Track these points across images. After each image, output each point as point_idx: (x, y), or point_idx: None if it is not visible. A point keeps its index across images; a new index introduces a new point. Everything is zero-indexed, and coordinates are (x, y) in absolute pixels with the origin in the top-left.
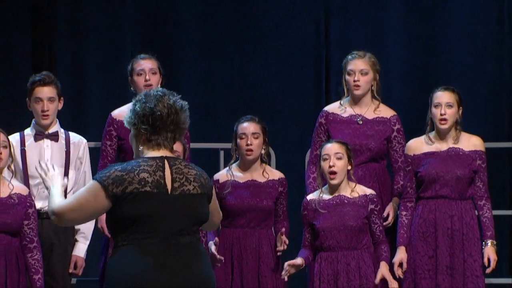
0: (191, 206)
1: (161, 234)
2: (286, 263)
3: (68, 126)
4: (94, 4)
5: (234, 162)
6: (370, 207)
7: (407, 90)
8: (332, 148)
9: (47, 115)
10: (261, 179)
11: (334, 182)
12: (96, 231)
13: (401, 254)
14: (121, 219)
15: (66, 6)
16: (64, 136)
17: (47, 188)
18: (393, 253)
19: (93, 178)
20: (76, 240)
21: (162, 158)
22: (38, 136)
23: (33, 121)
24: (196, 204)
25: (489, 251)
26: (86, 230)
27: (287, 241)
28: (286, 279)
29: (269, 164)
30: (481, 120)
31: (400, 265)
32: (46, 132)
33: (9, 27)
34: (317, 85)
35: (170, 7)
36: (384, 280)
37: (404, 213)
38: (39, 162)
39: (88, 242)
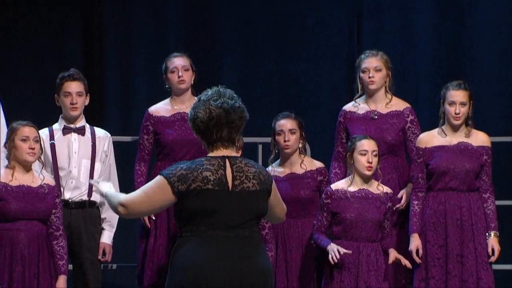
0: (250, 202)
1: (222, 227)
2: (336, 252)
3: (115, 121)
4: (141, 8)
5: (274, 157)
6: (389, 205)
7: (436, 89)
8: (370, 145)
9: (76, 108)
10: (300, 171)
11: (370, 173)
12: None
13: (415, 241)
14: (186, 212)
15: (115, 11)
16: (90, 130)
17: (102, 194)
18: (403, 240)
19: (160, 174)
20: (103, 229)
21: (224, 158)
22: (66, 131)
23: (60, 116)
24: (255, 200)
25: (493, 241)
26: (111, 218)
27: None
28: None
29: None
30: (503, 116)
31: (417, 252)
32: (74, 127)
33: (62, 30)
34: (350, 84)
35: (211, 10)
36: (393, 270)
37: (415, 202)
38: (89, 181)
39: (114, 230)
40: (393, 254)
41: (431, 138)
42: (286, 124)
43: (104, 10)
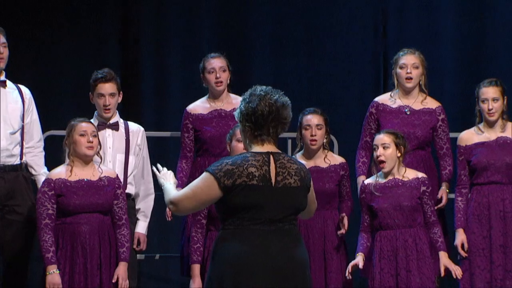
0: (292, 197)
1: (264, 221)
2: (350, 265)
3: (151, 118)
4: (175, 9)
5: (299, 150)
6: (422, 189)
7: (458, 84)
8: (379, 139)
9: (109, 109)
10: (324, 165)
11: (384, 170)
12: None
13: (461, 236)
14: (230, 206)
15: (150, 12)
16: (123, 125)
17: (161, 185)
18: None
19: (205, 170)
20: (137, 219)
21: (268, 154)
22: (101, 126)
23: (95, 113)
24: (296, 195)
25: None
26: (146, 209)
27: (346, 225)
28: (350, 277)
29: (332, 151)
30: None
31: (462, 246)
32: (108, 123)
33: (100, 30)
34: (376, 80)
35: (243, 10)
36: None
37: (459, 198)
38: (151, 166)
39: (148, 220)
40: (443, 263)
41: (471, 136)
42: (313, 119)
43: (140, 11)
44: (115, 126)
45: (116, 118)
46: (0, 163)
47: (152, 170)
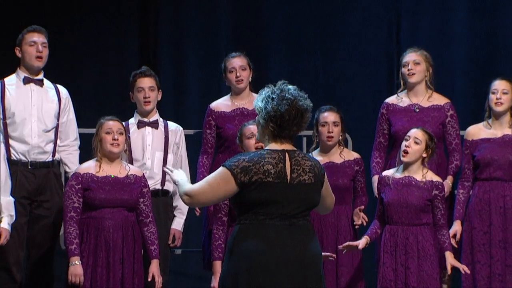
0: (306, 193)
1: (280, 216)
2: (348, 242)
3: (170, 115)
4: (194, 9)
5: (315, 148)
6: (434, 193)
7: (470, 84)
8: (413, 133)
9: (149, 102)
10: (338, 160)
11: (404, 159)
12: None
13: (456, 227)
14: (246, 202)
15: (168, 13)
16: (163, 124)
17: (174, 182)
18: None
19: (222, 165)
20: (174, 216)
21: (283, 152)
22: (140, 124)
23: (135, 112)
24: (310, 192)
25: None
26: (182, 206)
27: (366, 218)
28: (344, 251)
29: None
30: None
31: (454, 236)
32: (147, 121)
33: (120, 32)
34: (389, 79)
35: (259, 11)
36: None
37: (461, 191)
38: (163, 168)
39: (184, 217)
40: (449, 262)
41: (478, 131)
42: (329, 116)
43: (158, 13)
44: (154, 124)
45: (156, 116)
46: (31, 159)
47: (164, 171)
